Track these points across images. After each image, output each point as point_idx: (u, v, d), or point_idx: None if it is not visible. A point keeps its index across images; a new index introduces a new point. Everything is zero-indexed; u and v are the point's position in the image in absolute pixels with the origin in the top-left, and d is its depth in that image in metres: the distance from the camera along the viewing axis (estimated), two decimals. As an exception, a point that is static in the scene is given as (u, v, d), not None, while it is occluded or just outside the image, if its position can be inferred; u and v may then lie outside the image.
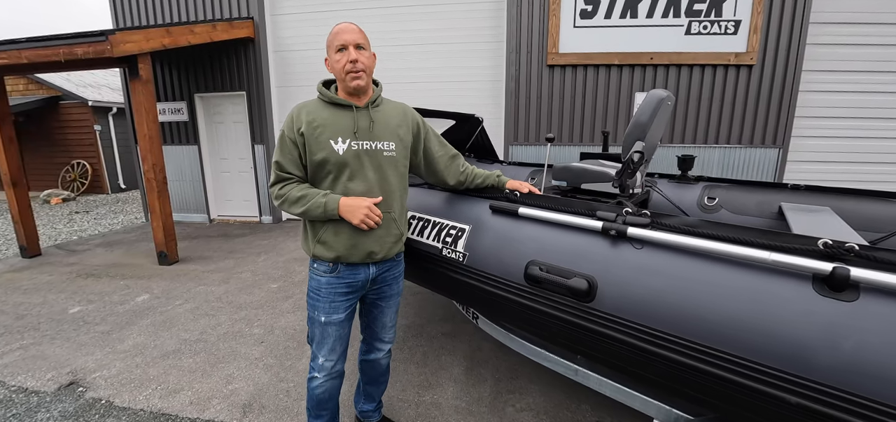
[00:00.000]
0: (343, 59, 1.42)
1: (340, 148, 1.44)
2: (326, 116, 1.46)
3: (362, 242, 1.51)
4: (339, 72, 1.44)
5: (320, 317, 1.58)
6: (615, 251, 1.28)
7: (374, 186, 1.50)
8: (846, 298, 0.95)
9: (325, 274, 1.55)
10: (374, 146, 1.50)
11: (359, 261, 1.54)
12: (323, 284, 1.56)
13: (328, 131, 1.44)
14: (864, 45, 5.42)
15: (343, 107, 1.49)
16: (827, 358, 0.93)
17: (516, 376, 2.51)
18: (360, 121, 1.48)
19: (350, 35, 1.43)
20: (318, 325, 1.60)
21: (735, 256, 1.10)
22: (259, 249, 5.18)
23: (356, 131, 1.47)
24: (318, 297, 1.57)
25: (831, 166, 5.72)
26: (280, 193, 1.48)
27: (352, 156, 1.46)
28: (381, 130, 1.52)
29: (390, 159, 1.54)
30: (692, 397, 1.25)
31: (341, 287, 1.57)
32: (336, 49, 1.43)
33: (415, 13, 5.83)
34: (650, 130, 1.78)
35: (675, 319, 1.14)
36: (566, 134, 5.63)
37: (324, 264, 1.54)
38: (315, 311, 1.59)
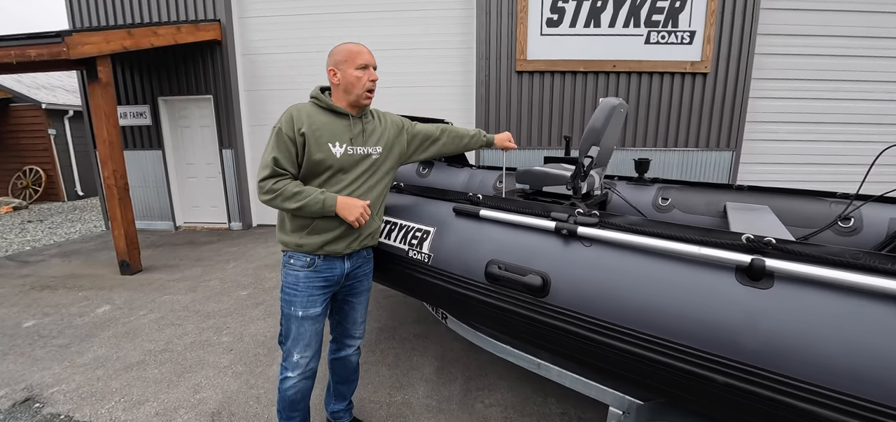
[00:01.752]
0: (365, 77, 1.58)
1: (338, 151, 1.57)
2: (325, 121, 1.57)
3: (350, 231, 1.63)
4: (357, 87, 1.58)
5: (297, 312, 1.63)
6: (567, 249, 1.38)
7: (360, 187, 1.64)
8: (763, 286, 1.08)
9: (303, 268, 1.61)
10: (365, 151, 1.65)
11: (340, 252, 1.63)
12: (301, 278, 1.61)
13: (327, 135, 1.56)
14: (808, 56, 5.86)
15: (340, 115, 1.62)
16: (747, 340, 1.05)
17: (486, 374, 2.59)
18: (354, 128, 1.63)
19: (371, 58, 1.62)
20: (295, 320, 1.64)
21: (671, 252, 1.21)
22: (228, 257, 5.08)
23: (352, 138, 1.61)
24: (296, 291, 1.62)
25: (780, 167, 6.13)
26: (274, 188, 1.52)
27: (347, 159, 1.59)
28: (370, 137, 1.68)
29: (376, 162, 1.70)
30: (640, 383, 1.35)
31: (319, 281, 1.63)
32: (358, 66, 1.57)
33: (386, 19, 5.87)
34: (604, 136, 1.90)
35: (620, 310, 1.24)
36: (534, 138, 5.80)
37: (301, 259, 1.60)
38: (292, 306, 1.63)
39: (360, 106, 1.64)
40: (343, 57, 1.58)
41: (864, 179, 2.05)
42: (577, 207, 1.48)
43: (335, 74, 1.60)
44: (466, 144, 2.08)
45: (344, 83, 1.59)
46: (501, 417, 2.22)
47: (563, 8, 5.35)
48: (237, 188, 6.39)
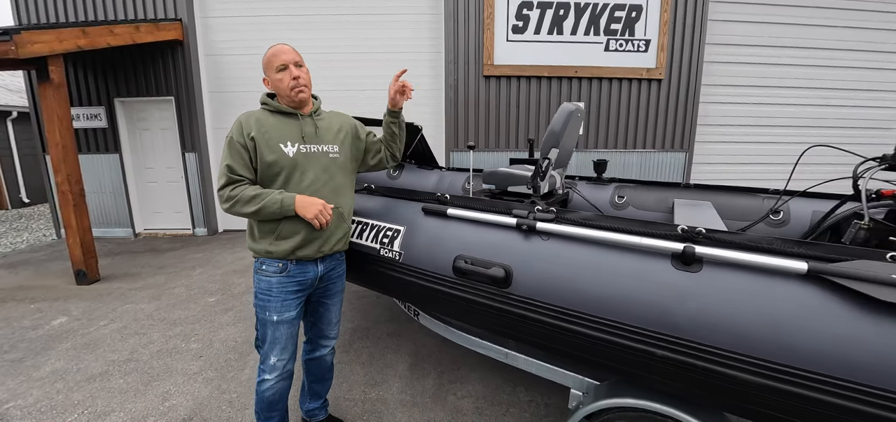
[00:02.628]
0: (286, 77, 1.58)
1: (290, 150, 1.58)
2: (274, 123, 1.60)
3: (318, 234, 1.64)
4: (283, 89, 1.59)
5: (272, 317, 1.65)
6: (527, 243, 1.50)
7: (322, 185, 1.64)
8: (693, 270, 1.24)
9: (276, 274, 1.63)
10: (320, 149, 1.66)
11: (310, 256, 1.65)
12: (274, 283, 1.63)
13: (277, 135, 1.58)
14: (752, 64, 6.35)
15: (289, 115, 1.64)
16: (680, 317, 1.20)
17: (458, 368, 2.69)
18: (305, 127, 1.64)
19: (289, 55, 1.60)
20: (271, 325, 1.66)
21: (618, 243, 1.36)
22: (193, 263, 4.94)
23: (303, 136, 1.62)
24: (270, 297, 1.64)
25: (728, 167, 6.61)
26: (231, 195, 1.54)
27: (301, 158, 1.60)
28: (324, 135, 1.69)
29: (335, 161, 1.70)
30: (595, 363, 1.49)
31: (292, 285, 1.65)
32: (277, 69, 1.58)
33: (354, 22, 5.90)
34: (563, 139, 2.06)
35: (574, 297, 1.37)
36: (502, 141, 5.98)
37: (274, 264, 1.62)
38: (266, 312, 1.65)
39: (300, 105, 1.64)
40: (265, 63, 1.62)
41: (791, 177, 2.29)
42: (537, 204, 1.61)
43: (267, 82, 1.65)
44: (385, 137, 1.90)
45: (273, 87, 1.63)
46: (473, 407, 2.33)
47: (528, 16, 5.57)
48: (201, 193, 6.21)
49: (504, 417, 2.26)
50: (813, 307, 1.08)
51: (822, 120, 6.48)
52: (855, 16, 6.21)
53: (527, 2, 5.52)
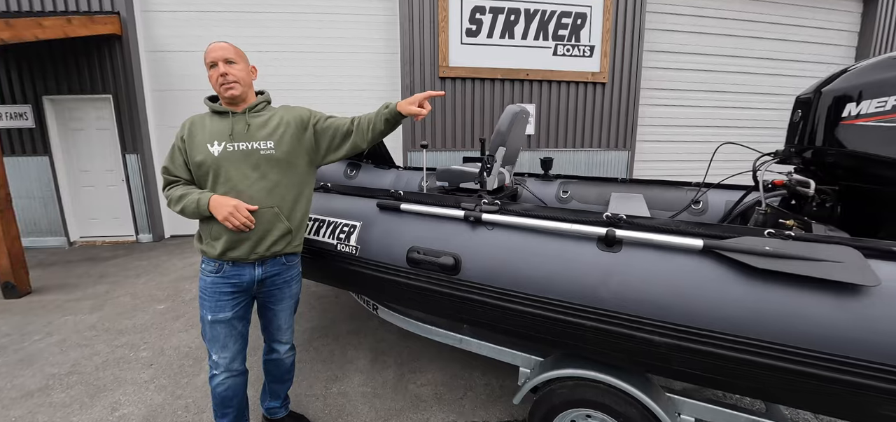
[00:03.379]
0: (215, 74, 1.60)
1: (216, 150, 1.58)
2: (209, 124, 1.63)
3: (247, 236, 1.61)
4: (214, 86, 1.62)
5: (207, 316, 1.67)
6: (474, 233, 1.65)
7: (251, 184, 1.61)
8: (615, 251, 1.43)
9: (211, 274, 1.64)
10: (249, 146, 1.62)
11: (243, 257, 1.63)
12: (208, 283, 1.65)
13: (205, 136, 1.60)
14: (684, 70, 6.96)
15: (222, 114, 1.66)
16: (604, 291, 1.39)
17: (417, 359, 2.80)
18: (236, 125, 1.63)
19: (218, 52, 1.60)
20: (206, 324, 1.68)
21: (553, 230, 1.54)
22: (138, 271, 4.70)
23: (231, 134, 1.61)
24: (205, 296, 1.66)
25: (666, 164, 7.19)
26: (167, 195, 1.62)
27: (226, 157, 1.59)
28: (257, 131, 1.64)
29: (270, 158, 1.63)
30: (537, 339, 1.66)
31: (226, 287, 1.65)
32: (208, 66, 1.61)
33: (306, 20, 5.84)
34: (509, 137, 2.23)
35: (516, 279, 1.53)
36: (458, 140, 6.15)
37: (210, 264, 1.64)
38: (202, 309, 1.68)
39: (231, 102, 1.65)
40: (203, 60, 1.64)
41: (707, 172, 2.61)
42: (484, 198, 1.77)
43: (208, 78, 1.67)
44: (375, 126, 1.78)
45: (210, 84, 1.65)
46: (433, 394, 2.45)
47: (481, 20, 5.78)
48: (145, 197, 5.89)
49: (462, 400, 2.40)
50: (708, 277, 1.30)
51: (739, 121, 7.22)
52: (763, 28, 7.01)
53: (479, 6, 5.73)
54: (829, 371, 1.15)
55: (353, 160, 3.81)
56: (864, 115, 1.60)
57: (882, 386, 1.11)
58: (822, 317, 1.16)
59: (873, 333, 1.11)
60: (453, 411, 2.30)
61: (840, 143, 1.68)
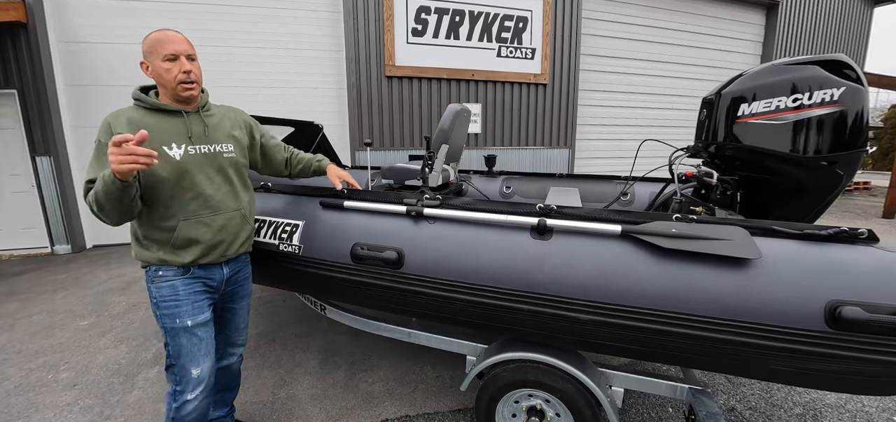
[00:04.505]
0: (175, 70, 1.40)
1: (177, 153, 1.42)
2: (152, 123, 1.40)
3: (220, 238, 1.53)
4: (169, 81, 1.41)
5: (186, 322, 1.48)
6: (416, 227, 1.71)
7: (218, 188, 1.52)
8: (546, 239, 1.55)
9: (178, 276, 1.49)
10: (212, 149, 1.51)
11: (215, 261, 1.54)
12: (179, 286, 1.48)
13: (159, 137, 1.39)
14: (617, 73, 7.48)
15: (171, 113, 1.46)
16: (538, 276, 1.50)
17: (368, 358, 2.81)
18: (193, 126, 1.49)
19: (181, 45, 1.43)
20: (185, 333, 1.49)
21: (490, 221, 1.63)
22: (55, 286, 4.25)
23: (191, 136, 1.46)
24: (179, 301, 1.48)
25: (604, 160, 7.69)
26: (87, 202, 1.35)
27: (191, 161, 1.45)
28: (216, 133, 1.55)
29: (231, 161, 1.58)
30: (481, 326, 1.75)
31: (199, 286, 1.53)
32: (164, 57, 1.39)
33: (241, 15, 5.58)
34: (452, 135, 2.31)
35: (457, 269, 1.60)
36: (406, 139, 6.19)
37: (171, 269, 1.48)
38: (177, 319, 1.48)
39: (186, 102, 1.48)
40: (150, 48, 1.40)
41: (633, 167, 2.85)
42: (426, 193, 1.83)
43: (147, 68, 1.43)
44: (304, 170, 1.98)
45: (156, 77, 1.43)
46: (384, 390, 2.47)
47: (426, 20, 5.84)
48: (61, 203, 5.33)
49: (413, 393, 2.45)
50: (625, 258, 1.45)
51: (664, 120, 7.93)
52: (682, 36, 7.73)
53: (425, 6, 5.79)
54: (725, 334, 1.33)
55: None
56: (755, 114, 1.85)
57: (766, 344, 1.31)
58: (718, 288, 1.34)
59: (757, 299, 1.31)
60: (405, 405, 2.34)
61: (737, 138, 1.92)
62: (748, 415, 2.26)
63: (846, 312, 1.18)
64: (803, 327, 1.25)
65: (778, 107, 1.77)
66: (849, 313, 1.18)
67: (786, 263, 1.32)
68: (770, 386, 2.50)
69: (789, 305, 1.26)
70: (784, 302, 1.27)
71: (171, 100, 1.47)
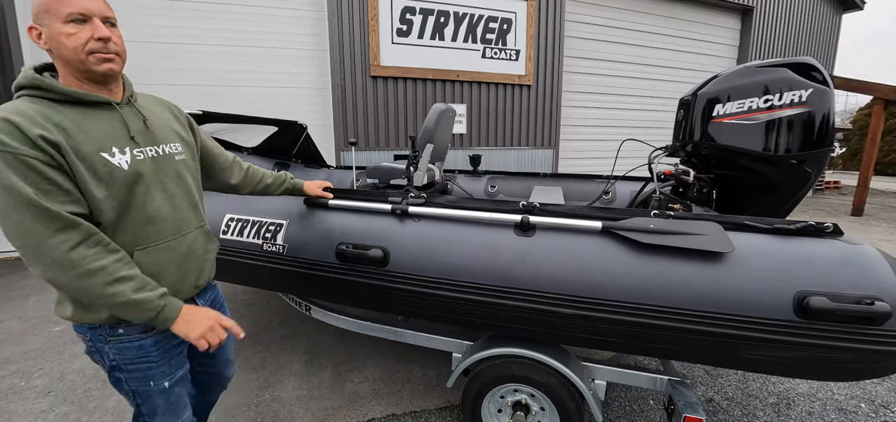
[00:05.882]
0: (84, 36, 0.98)
1: (121, 160, 1.04)
2: (75, 122, 0.99)
3: (188, 266, 1.23)
4: (70, 51, 0.98)
5: (163, 383, 1.20)
6: (401, 226, 1.72)
7: (179, 202, 1.20)
8: (529, 235, 1.58)
9: (145, 334, 1.15)
10: (162, 151, 1.16)
11: (187, 296, 1.25)
12: (148, 345, 1.16)
13: (93, 142, 1.00)
14: (599, 76, 7.62)
15: (97, 105, 1.05)
16: (520, 271, 1.53)
17: (354, 358, 2.80)
18: (131, 121, 1.10)
19: (91, 1, 1.00)
20: (162, 394, 1.21)
21: (474, 219, 1.65)
22: (26, 291, 4.11)
23: (133, 135, 1.09)
24: (151, 362, 1.17)
25: (587, 160, 7.82)
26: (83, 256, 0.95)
27: (142, 168, 1.09)
28: (159, 130, 1.18)
29: (184, 164, 1.24)
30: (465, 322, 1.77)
31: (173, 337, 1.20)
32: (67, 18, 0.97)
33: (231, 13, 5.49)
34: (437, 135, 2.33)
35: (441, 266, 1.62)
36: (392, 139, 6.17)
37: (134, 326, 1.13)
38: (151, 381, 1.18)
39: (104, 81, 1.06)
40: (45, 6, 0.97)
41: (614, 166, 2.91)
42: (411, 192, 1.84)
43: (39, 35, 1.00)
44: (266, 187, 1.65)
45: (53, 47, 0.99)
46: (371, 389, 2.47)
47: (411, 20, 5.85)
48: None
49: (400, 392, 2.45)
50: (606, 253, 1.49)
51: (646, 121, 8.11)
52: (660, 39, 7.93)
53: (409, 7, 5.79)
54: (701, 325, 1.38)
55: (282, 160, 3.68)
56: (729, 114, 1.92)
57: (740, 333, 1.36)
58: (694, 280, 1.39)
59: (730, 290, 1.36)
60: (391, 404, 2.34)
61: (712, 137, 1.99)
62: (725, 405, 2.33)
63: (813, 302, 1.24)
64: (774, 317, 1.30)
65: (750, 107, 1.84)
66: (815, 303, 1.24)
67: (757, 256, 1.37)
68: (746, 377, 2.59)
69: (761, 296, 1.32)
70: (756, 293, 1.32)
71: (80, 82, 1.03)
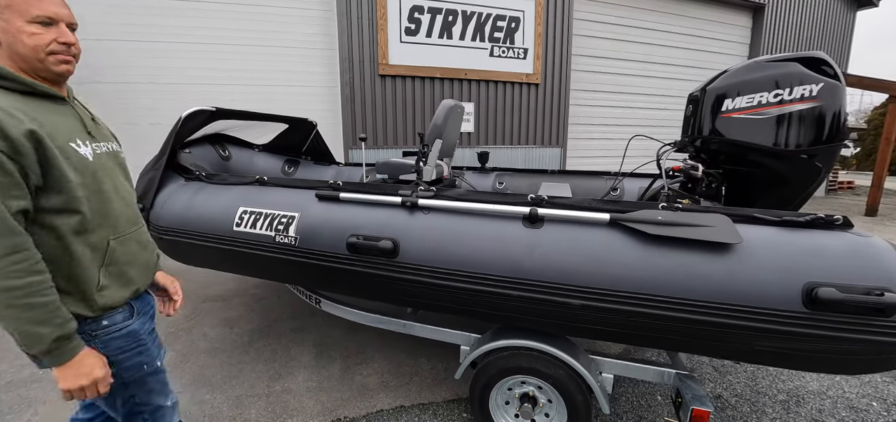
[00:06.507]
0: (48, 36, 1.02)
1: (87, 152, 1.08)
2: (37, 114, 1.00)
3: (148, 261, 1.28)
4: (30, 50, 1.00)
5: (156, 363, 1.25)
6: (411, 218, 1.75)
7: (128, 195, 1.22)
8: (537, 227, 1.59)
9: (131, 319, 1.19)
10: (108, 148, 1.19)
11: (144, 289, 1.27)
12: (136, 327, 1.19)
13: (62, 134, 1.03)
14: (608, 74, 7.58)
15: (55, 100, 1.08)
16: (528, 263, 1.55)
17: (363, 351, 2.83)
18: (83, 117, 1.16)
19: (62, 8, 1.06)
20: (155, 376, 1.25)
21: (483, 211, 1.68)
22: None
23: (89, 130, 1.14)
24: (143, 344, 1.21)
25: (595, 159, 7.78)
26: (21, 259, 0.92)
27: (100, 163, 1.12)
28: (101, 127, 1.23)
29: (123, 162, 1.27)
30: (474, 313, 1.79)
31: (150, 322, 1.28)
32: (33, 19, 1.00)
33: (241, 13, 5.56)
34: (445, 130, 2.35)
35: (450, 258, 1.64)
36: (400, 138, 6.21)
37: (119, 312, 1.16)
38: (145, 364, 1.21)
39: (55, 80, 1.09)
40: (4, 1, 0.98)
41: (622, 163, 2.91)
42: (420, 185, 1.87)
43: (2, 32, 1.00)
44: None
45: (6, 41, 1.00)
46: (379, 382, 2.50)
47: (420, 19, 5.88)
48: None
49: (408, 385, 2.48)
50: (614, 245, 1.50)
51: (655, 120, 8.05)
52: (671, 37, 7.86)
53: (418, 5, 5.83)
54: (708, 316, 1.39)
55: (292, 157, 3.73)
56: (738, 109, 1.91)
57: (747, 325, 1.36)
58: (701, 272, 1.40)
59: (738, 282, 1.36)
60: (400, 396, 2.37)
61: (721, 132, 1.99)
62: (734, 401, 2.33)
63: (821, 293, 1.24)
64: (781, 308, 1.30)
65: (760, 102, 1.84)
66: (823, 294, 1.24)
67: (765, 247, 1.38)
68: (755, 375, 2.57)
69: (768, 287, 1.32)
70: (763, 284, 1.32)
71: (45, 80, 1.07)
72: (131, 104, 5.23)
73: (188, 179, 2.49)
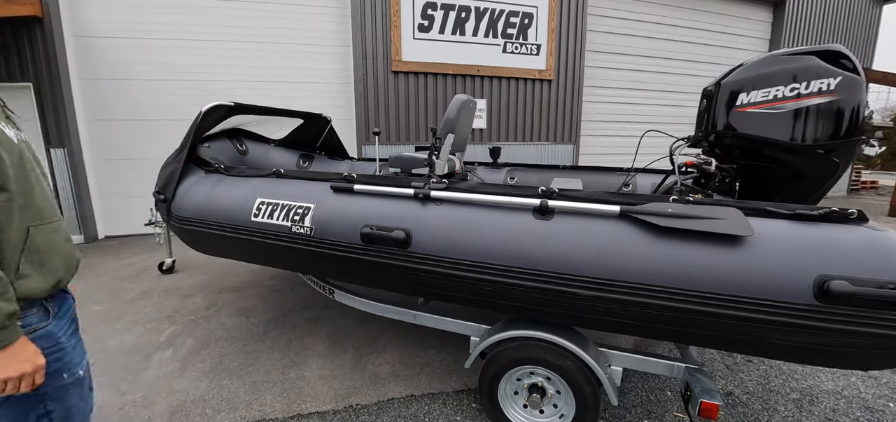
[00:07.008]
0: None
1: (12, 134, 1.02)
2: None
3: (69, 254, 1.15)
4: None
5: (77, 371, 1.12)
6: (424, 209, 1.78)
7: (47, 190, 1.12)
8: (547, 219, 1.61)
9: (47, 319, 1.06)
10: (26, 138, 1.11)
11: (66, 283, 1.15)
12: (52, 329, 1.07)
13: None
14: (623, 70, 7.50)
15: None
16: (538, 253, 1.57)
17: (375, 341, 2.89)
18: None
19: None
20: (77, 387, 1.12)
21: (495, 203, 1.70)
22: (70, 273, 4.37)
23: (8, 115, 1.07)
24: (62, 350, 1.08)
25: (608, 156, 7.70)
26: None
27: (22, 146, 1.06)
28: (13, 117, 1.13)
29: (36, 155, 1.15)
30: (485, 303, 1.82)
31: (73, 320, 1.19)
32: None
33: (257, 10, 5.67)
34: (458, 125, 2.38)
35: (462, 248, 1.67)
36: (412, 133, 6.26)
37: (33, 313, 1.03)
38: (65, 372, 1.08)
39: None
40: None
41: (635, 159, 2.90)
42: (432, 177, 1.90)
43: None
44: None
45: None
46: (390, 372, 2.55)
47: (433, 16, 5.91)
48: (74, 194, 5.45)
49: (418, 375, 2.52)
50: (624, 237, 1.51)
51: (671, 117, 7.94)
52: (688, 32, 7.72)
53: (431, 2, 5.85)
54: (718, 308, 1.39)
55: (307, 151, 3.80)
56: (752, 103, 1.90)
57: (758, 317, 1.36)
58: (712, 264, 1.40)
59: (749, 274, 1.36)
60: (410, 386, 2.42)
61: (735, 127, 1.97)
62: (745, 399, 2.31)
63: (833, 286, 1.24)
64: (792, 301, 1.30)
65: (776, 96, 1.82)
66: (836, 287, 1.23)
67: (777, 240, 1.37)
68: (768, 373, 2.55)
69: (779, 280, 1.32)
70: (774, 276, 1.32)
71: None
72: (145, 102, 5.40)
73: (208, 171, 2.57)
